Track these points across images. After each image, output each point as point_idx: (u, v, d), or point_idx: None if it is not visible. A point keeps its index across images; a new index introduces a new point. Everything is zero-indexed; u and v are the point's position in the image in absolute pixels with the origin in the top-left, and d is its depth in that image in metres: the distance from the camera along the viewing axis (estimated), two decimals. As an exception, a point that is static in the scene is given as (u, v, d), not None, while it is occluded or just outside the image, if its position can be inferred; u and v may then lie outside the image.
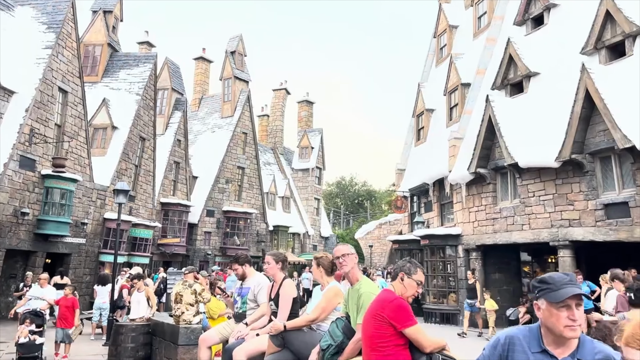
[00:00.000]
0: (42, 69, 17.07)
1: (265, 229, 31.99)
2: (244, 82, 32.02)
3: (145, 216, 23.96)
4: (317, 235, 38.44)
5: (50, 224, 16.82)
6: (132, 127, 22.47)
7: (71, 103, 18.68)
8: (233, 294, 5.94)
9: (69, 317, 9.09)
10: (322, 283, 4.55)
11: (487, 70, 17.41)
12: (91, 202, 19.81)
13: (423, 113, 20.74)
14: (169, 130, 27.38)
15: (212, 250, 28.60)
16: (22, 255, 16.78)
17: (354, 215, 75.40)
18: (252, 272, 5.84)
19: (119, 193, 12.63)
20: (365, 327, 3.29)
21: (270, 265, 5.15)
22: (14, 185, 15.63)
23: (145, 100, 23.66)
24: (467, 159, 15.80)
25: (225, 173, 29.93)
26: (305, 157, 38.38)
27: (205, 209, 28.54)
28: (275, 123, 39.87)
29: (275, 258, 5.19)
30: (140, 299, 9.34)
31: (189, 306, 7.48)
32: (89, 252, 19.71)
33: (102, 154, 21.48)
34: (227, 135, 30.38)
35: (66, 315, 9.10)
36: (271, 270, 5.15)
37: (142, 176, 23.83)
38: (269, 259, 5.19)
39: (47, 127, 17.18)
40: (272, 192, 34.19)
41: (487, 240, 15.26)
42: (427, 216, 18.94)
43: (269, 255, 5.23)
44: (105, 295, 13.04)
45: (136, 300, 9.39)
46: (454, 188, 16.82)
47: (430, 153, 19.21)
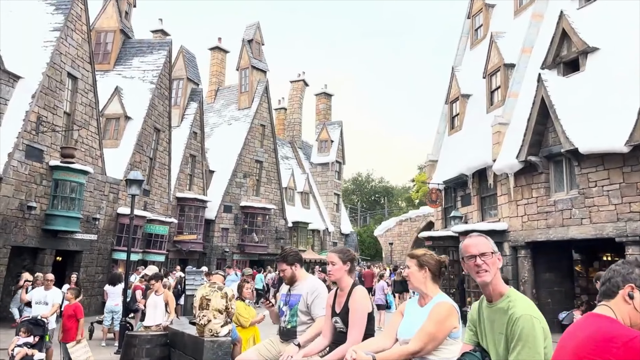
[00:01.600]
0: (50, 52, 15.86)
1: (284, 225, 30.65)
2: (262, 72, 30.66)
3: (161, 211, 22.73)
4: (338, 232, 37.01)
5: (60, 219, 15.61)
6: (146, 118, 21.23)
7: (81, 90, 17.46)
8: (278, 303, 4.52)
9: (69, 329, 7.76)
10: (423, 292, 3.11)
11: (533, 48, 15.80)
12: (103, 196, 18.60)
13: (458, 99, 19.16)
14: (185, 122, 26.13)
15: (230, 248, 27.33)
16: (29, 252, 15.61)
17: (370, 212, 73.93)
18: (303, 274, 4.43)
19: (132, 183, 11.32)
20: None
21: (335, 266, 3.74)
22: (20, 177, 14.43)
23: (159, 90, 22.40)
24: (515, 147, 14.23)
25: (243, 167, 28.63)
26: (324, 151, 36.95)
27: (223, 205, 27.27)
28: (293, 116, 38.47)
29: (342, 256, 3.77)
30: (157, 303, 7.97)
31: (217, 313, 6.10)
32: (101, 250, 18.51)
33: (115, 145, 20.27)
34: (245, 128, 29.07)
35: (67, 326, 7.77)
36: (336, 273, 3.74)
37: (157, 169, 22.60)
38: (333, 257, 3.77)
39: (55, 114, 15.96)
40: (291, 187, 32.84)
41: (539, 236, 13.69)
42: (465, 210, 17.39)
43: (333, 252, 3.81)
44: (117, 297, 11.76)
45: (153, 304, 8.03)
46: (498, 179, 15.25)
47: (468, 142, 17.64)
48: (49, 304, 8.15)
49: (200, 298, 6.20)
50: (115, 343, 11.39)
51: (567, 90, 13.34)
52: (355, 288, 3.69)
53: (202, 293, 6.24)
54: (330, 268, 3.74)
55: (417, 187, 58.66)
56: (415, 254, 3.15)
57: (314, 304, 4.17)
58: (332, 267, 3.74)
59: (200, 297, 6.19)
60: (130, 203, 11.48)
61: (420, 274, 3.09)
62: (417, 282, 3.11)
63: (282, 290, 4.55)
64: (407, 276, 3.19)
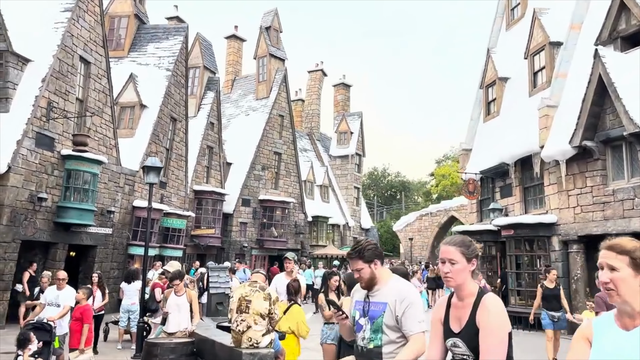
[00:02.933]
0: (61, 34, 14.86)
1: (303, 219, 29.55)
2: (280, 60, 29.52)
3: (178, 205, 21.76)
4: (358, 226, 35.83)
5: (72, 212, 14.66)
6: (162, 106, 20.22)
7: (94, 75, 16.47)
8: (352, 314, 3.36)
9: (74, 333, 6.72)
10: (633, 309, 1.90)
11: (583, 24, 14.46)
12: (118, 188, 17.64)
13: (495, 83, 17.84)
14: (202, 112, 25.12)
15: (249, 243, 26.31)
16: (41, 247, 14.70)
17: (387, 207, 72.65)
18: (386, 275, 3.27)
19: (150, 171, 10.28)
20: None
21: (456, 265, 2.57)
22: (30, 166, 13.48)
23: (176, 77, 21.39)
24: (565, 131, 12.94)
25: (261, 159, 27.56)
26: (344, 143, 35.73)
27: (241, 198, 26.24)
28: (311, 107, 37.29)
29: (466, 251, 2.60)
30: (181, 305, 6.88)
31: (258, 318, 5.00)
32: (116, 244, 17.57)
33: (130, 135, 19.31)
34: (263, 118, 27.97)
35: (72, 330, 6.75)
36: (458, 276, 2.57)
37: (174, 161, 21.61)
38: (452, 252, 2.59)
39: (67, 100, 14.99)
40: (310, 181, 31.70)
41: (595, 229, 12.40)
42: (505, 202, 16.12)
43: (452, 245, 2.62)
44: (134, 295, 10.76)
45: (175, 306, 6.93)
46: (545, 167, 13.97)
47: (507, 128, 16.35)
48: (61, 305, 7.14)
49: (238, 299, 5.09)
50: (133, 346, 10.40)
51: (625, 68, 11.99)
52: (486, 297, 2.53)
53: (241, 293, 5.13)
54: (447, 269, 2.57)
55: (437, 181, 57.24)
56: (625, 247, 1.91)
57: (407, 316, 3.01)
58: (451, 268, 2.56)
59: (239, 297, 5.08)
60: (148, 192, 10.44)
61: (636, 281, 1.88)
62: (628, 294, 1.89)
63: (356, 296, 3.40)
64: (609, 283, 1.94)
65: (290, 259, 7.54)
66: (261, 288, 5.17)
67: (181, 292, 6.92)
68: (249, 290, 5.13)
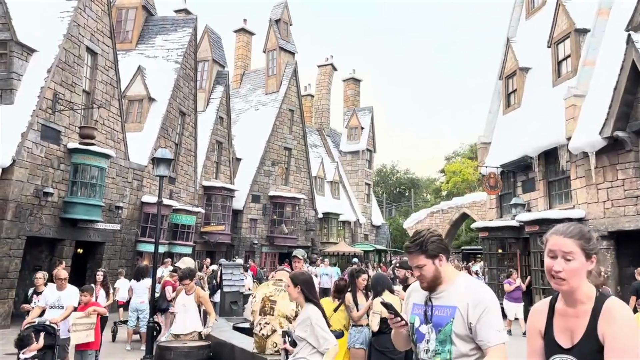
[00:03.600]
0: (67, 24, 14.40)
1: (314, 216, 29.00)
2: (290, 54, 28.93)
3: (187, 201, 21.29)
4: (369, 223, 35.22)
5: (79, 207, 14.21)
6: (171, 100, 19.74)
7: (101, 67, 16.00)
8: (410, 320, 2.79)
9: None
10: None
11: (611, 10, 13.75)
12: (126, 183, 17.17)
13: (515, 73, 17.16)
14: (210, 106, 24.61)
15: (259, 239, 25.79)
16: (47, 243, 14.27)
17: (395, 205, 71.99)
18: (451, 272, 2.69)
19: (160, 163, 9.74)
20: None
21: (572, 263, 1.97)
22: (35, 160, 13.02)
23: (185, 70, 20.88)
24: (594, 121, 12.26)
25: (271, 154, 27.01)
26: (354, 138, 35.10)
27: (251, 194, 25.72)
28: (320, 102, 36.69)
29: (586, 245, 1.99)
30: (188, 305, 6.30)
31: (284, 321, 4.45)
32: (125, 241, 17.12)
33: (138, 129, 18.84)
34: (272, 113, 27.42)
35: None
36: (573, 278, 1.96)
37: (183, 156, 21.13)
38: (568, 244, 1.98)
39: (73, 92, 14.52)
40: (320, 177, 31.13)
41: (627, 224, 11.72)
42: (527, 197, 15.46)
43: (568, 237, 2.02)
44: (143, 294, 10.25)
45: (181, 305, 6.35)
46: (572, 160, 13.30)
47: (529, 120, 15.68)
48: (65, 306, 6.62)
49: (262, 299, 4.54)
50: (142, 347, 9.89)
51: (660, 54, 11.31)
52: (610, 303, 1.95)
53: (264, 293, 4.58)
54: (560, 267, 1.98)
55: (448, 178, 56.48)
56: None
57: (483, 324, 2.43)
58: (564, 266, 1.97)
59: (263, 298, 4.54)
60: (158, 185, 9.92)
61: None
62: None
63: (414, 298, 2.82)
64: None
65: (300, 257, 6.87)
66: (287, 287, 4.62)
67: (191, 291, 6.38)
68: (273, 289, 4.59)
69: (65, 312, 6.43)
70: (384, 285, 5.41)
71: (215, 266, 13.79)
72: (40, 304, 6.73)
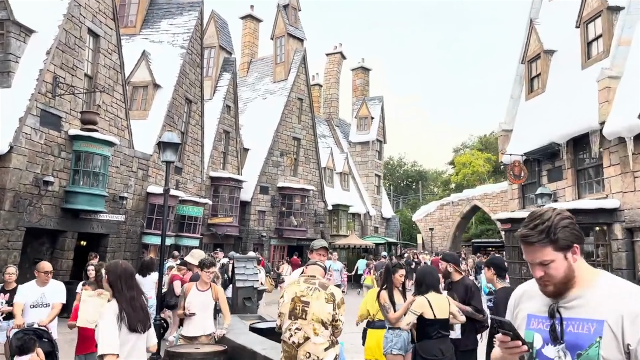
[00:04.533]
0: (67, 3, 13.60)
1: (323, 208, 28.22)
2: (299, 40, 28.04)
3: (194, 192, 20.57)
4: (379, 216, 34.43)
5: (81, 197, 13.50)
6: (177, 86, 18.96)
7: (104, 50, 15.22)
8: (525, 337, 2.00)
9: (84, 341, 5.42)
10: None
11: (647, -14, 12.83)
12: (131, 173, 16.45)
13: (539, 56, 16.25)
14: (217, 94, 23.83)
15: (267, 232, 25.07)
16: (48, 235, 13.57)
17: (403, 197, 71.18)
18: (589, 271, 1.90)
19: (167, 148, 8.98)
20: None
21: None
22: (34, 146, 12.30)
23: (191, 55, 20.08)
24: (631, 104, 11.39)
25: (280, 144, 26.22)
26: (364, 128, 34.23)
27: (259, 185, 24.97)
28: (329, 91, 35.81)
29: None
30: (206, 303, 5.54)
31: (319, 327, 3.68)
32: (130, 233, 16.43)
33: (143, 116, 18.09)
34: (281, 102, 26.59)
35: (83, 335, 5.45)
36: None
37: (190, 145, 20.38)
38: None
39: (74, 76, 13.76)
40: (330, 168, 30.33)
41: (668, 215, 10.90)
42: (554, 187, 14.61)
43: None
44: (150, 289, 9.52)
45: (199, 303, 5.59)
46: (605, 146, 12.45)
47: (555, 105, 14.81)
48: (50, 304, 5.81)
49: (292, 300, 3.76)
50: (148, 345, 9.18)
51: None
52: None
53: (294, 292, 3.80)
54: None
55: (457, 170, 55.53)
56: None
57: None
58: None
59: (293, 297, 3.76)
60: (165, 172, 9.16)
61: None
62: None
63: (529, 306, 2.03)
64: None
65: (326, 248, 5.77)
66: (322, 286, 3.83)
67: (206, 286, 5.62)
68: (305, 288, 3.81)
69: (54, 312, 5.66)
70: (431, 282, 4.63)
71: (225, 259, 13.04)
72: (18, 301, 5.71)
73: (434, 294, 4.58)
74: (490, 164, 56.06)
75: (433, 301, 4.52)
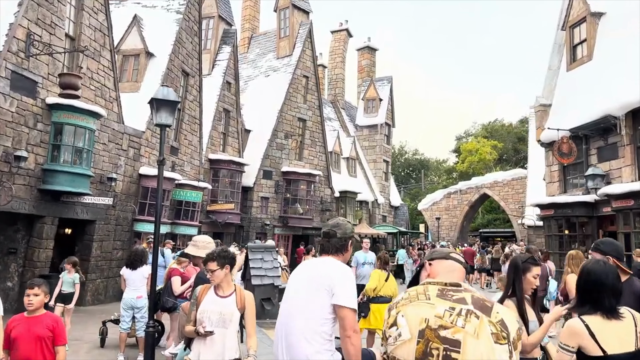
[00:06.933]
0: (44, -52, 11.52)
1: (330, 195, 26.31)
2: (304, 12, 25.92)
3: (192, 175, 18.62)
4: (387, 204, 32.59)
5: (62, 177, 11.54)
6: (172, 56, 16.93)
7: (88, 8, 13.18)
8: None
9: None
10: None
11: None
12: (121, 151, 14.48)
13: (584, 20, 14.35)
14: (217, 70, 21.78)
15: (271, 220, 23.17)
16: (24, 221, 11.62)
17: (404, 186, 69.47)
18: None
19: (162, 107, 7.04)
20: None
21: None
22: (3, 115, 10.32)
23: (187, 22, 18.03)
24: None
25: (284, 126, 24.22)
26: (371, 111, 32.25)
27: (262, 169, 23.01)
28: (335, 71, 33.76)
29: None
30: (227, 315, 3.60)
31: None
32: (119, 219, 14.50)
33: (134, 89, 16.08)
34: (285, 79, 24.54)
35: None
36: None
37: (187, 123, 18.38)
38: None
39: (53, 35, 11.73)
40: (337, 152, 28.39)
41: None
42: (605, 167, 12.78)
43: None
44: (141, 287, 7.64)
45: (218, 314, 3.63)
46: (678, 117, 10.62)
47: (607, 74, 12.96)
48: None
49: (423, 335, 1.83)
50: (140, 356, 7.31)
51: None
52: None
53: (424, 316, 1.84)
54: None
55: (463, 157, 53.73)
56: None
57: None
58: None
59: (423, 330, 1.82)
60: (160, 140, 7.20)
61: None
62: None
63: None
64: None
65: None
66: (479, 306, 1.89)
67: (228, 290, 3.72)
68: (446, 310, 1.87)
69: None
70: (608, 294, 2.70)
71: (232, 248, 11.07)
72: None
73: (603, 317, 2.68)
74: (496, 152, 54.39)
75: (602, 326, 2.64)
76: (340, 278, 2.80)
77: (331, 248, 3.00)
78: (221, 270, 3.72)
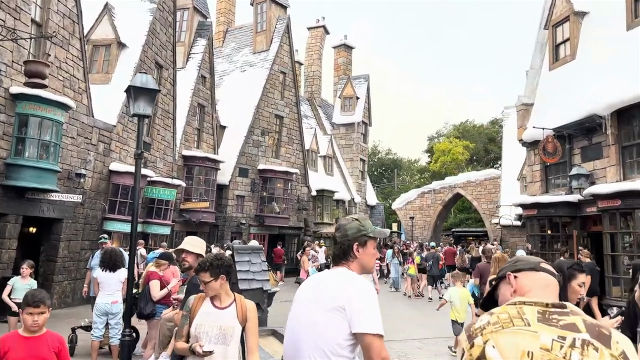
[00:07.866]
0: None
1: (307, 194, 25.87)
2: (282, 7, 25.37)
3: (165, 172, 17.87)
4: (363, 203, 32.36)
5: (27, 172, 10.74)
6: (146, 47, 16.17)
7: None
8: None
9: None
10: None
11: None
12: (90, 146, 13.69)
13: (567, 19, 14.32)
14: (191, 63, 21.04)
15: (247, 219, 22.57)
16: (-17, 220, 10.75)
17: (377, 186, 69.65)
18: None
19: (140, 95, 6.47)
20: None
21: None
22: (-39, 103, 9.47)
23: (162, 12, 17.29)
24: None
25: (261, 122, 23.63)
26: (348, 109, 31.93)
27: (238, 167, 22.37)
28: (311, 68, 33.30)
29: None
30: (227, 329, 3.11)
31: None
32: (88, 218, 13.71)
33: (105, 80, 15.27)
34: (262, 75, 23.96)
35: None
36: None
37: (160, 118, 17.62)
38: None
39: (17, 20, 10.90)
40: (314, 150, 27.95)
41: None
42: (589, 167, 12.74)
43: None
44: (116, 291, 7.02)
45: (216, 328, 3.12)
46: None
47: (591, 73, 12.92)
48: None
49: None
50: (114, 367, 6.71)
51: None
52: None
53: (525, 349, 1.38)
54: None
55: (436, 157, 54.13)
56: None
57: None
58: None
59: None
60: (137, 131, 6.62)
61: None
62: None
63: None
64: None
65: None
66: (595, 334, 1.46)
67: (227, 300, 3.24)
68: (552, 341, 1.43)
69: None
70: None
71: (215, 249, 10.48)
72: None
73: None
74: (468, 152, 55.02)
75: None
76: (355, 296, 2.16)
77: (336, 256, 2.39)
78: (215, 281, 3.21)
